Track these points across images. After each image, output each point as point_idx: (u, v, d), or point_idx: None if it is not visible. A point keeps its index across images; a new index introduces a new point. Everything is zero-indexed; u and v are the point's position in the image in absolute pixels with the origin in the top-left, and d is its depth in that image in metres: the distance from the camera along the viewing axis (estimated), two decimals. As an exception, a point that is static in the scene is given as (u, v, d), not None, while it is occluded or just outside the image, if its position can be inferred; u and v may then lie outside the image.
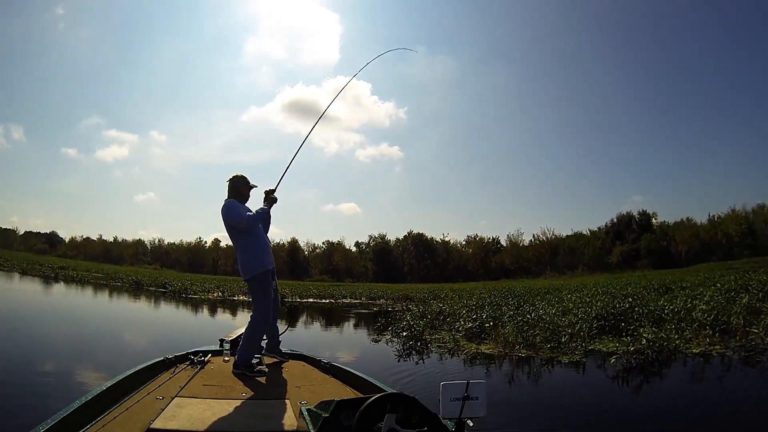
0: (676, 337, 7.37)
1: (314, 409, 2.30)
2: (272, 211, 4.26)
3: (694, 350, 7.06)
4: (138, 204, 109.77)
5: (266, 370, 3.87)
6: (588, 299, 12.82)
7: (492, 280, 54.47)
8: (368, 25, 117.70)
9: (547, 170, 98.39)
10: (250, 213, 4.02)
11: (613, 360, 6.70)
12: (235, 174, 4.18)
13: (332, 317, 16.58)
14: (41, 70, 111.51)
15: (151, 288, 27.18)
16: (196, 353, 4.07)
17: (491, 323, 8.94)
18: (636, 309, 9.91)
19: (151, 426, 2.45)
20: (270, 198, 4.19)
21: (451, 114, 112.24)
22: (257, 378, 3.66)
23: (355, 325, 14.53)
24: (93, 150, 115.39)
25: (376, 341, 9.32)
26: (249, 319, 4.01)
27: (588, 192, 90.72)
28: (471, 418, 1.91)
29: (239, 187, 4.14)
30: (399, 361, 7.25)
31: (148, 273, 46.61)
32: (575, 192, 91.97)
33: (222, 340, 4.70)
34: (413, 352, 7.90)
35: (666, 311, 9.44)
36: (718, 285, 15.12)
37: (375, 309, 19.43)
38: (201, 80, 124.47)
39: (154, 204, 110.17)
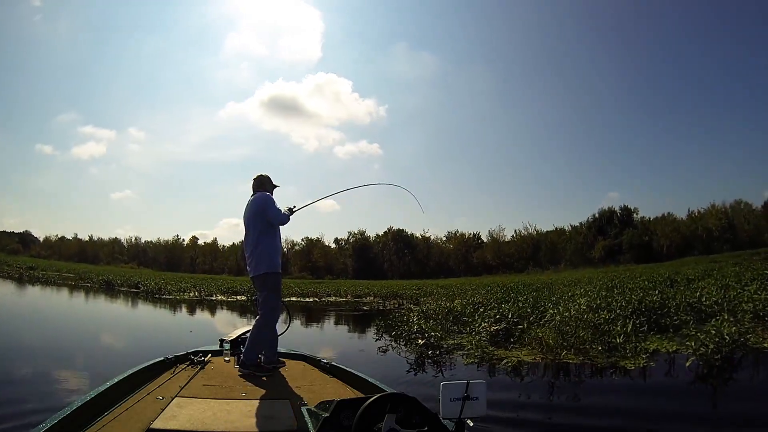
0: (741, 331, 6.39)
1: (314, 409, 2.27)
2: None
3: (766, 345, 6.21)
4: (115, 202, 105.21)
5: (271, 368, 3.87)
6: (604, 293, 11.86)
7: (474, 276, 54.04)
8: (351, 23, 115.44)
9: (526, 167, 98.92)
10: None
11: (688, 362, 5.63)
12: (260, 173, 4.39)
13: (320, 318, 15.16)
14: (15, 63, 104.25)
15: (122, 288, 25.22)
16: (196, 353, 4.07)
17: (525, 324, 7.72)
18: (667, 302, 9.01)
19: (151, 426, 2.44)
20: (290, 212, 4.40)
21: (431, 111, 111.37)
22: (258, 378, 3.62)
23: (351, 329, 13.06)
24: (69, 147, 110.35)
25: (383, 350, 7.89)
26: (258, 316, 3.99)
27: (566, 189, 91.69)
28: (471, 418, 1.88)
29: (265, 184, 4.35)
30: (416, 375, 6.02)
31: (122, 272, 43.78)
32: (553, 189, 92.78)
33: (222, 340, 4.72)
34: (431, 363, 6.64)
35: (705, 304, 8.56)
36: (730, 276, 14.49)
37: (365, 308, 18.12)
38: (180, 76, 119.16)
39: (131, 202, 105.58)
